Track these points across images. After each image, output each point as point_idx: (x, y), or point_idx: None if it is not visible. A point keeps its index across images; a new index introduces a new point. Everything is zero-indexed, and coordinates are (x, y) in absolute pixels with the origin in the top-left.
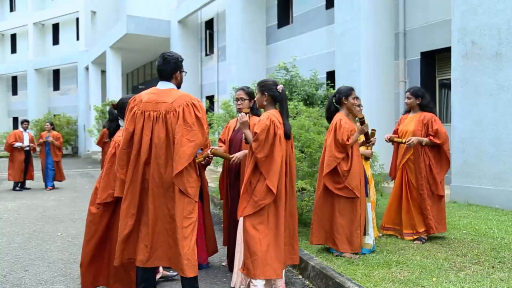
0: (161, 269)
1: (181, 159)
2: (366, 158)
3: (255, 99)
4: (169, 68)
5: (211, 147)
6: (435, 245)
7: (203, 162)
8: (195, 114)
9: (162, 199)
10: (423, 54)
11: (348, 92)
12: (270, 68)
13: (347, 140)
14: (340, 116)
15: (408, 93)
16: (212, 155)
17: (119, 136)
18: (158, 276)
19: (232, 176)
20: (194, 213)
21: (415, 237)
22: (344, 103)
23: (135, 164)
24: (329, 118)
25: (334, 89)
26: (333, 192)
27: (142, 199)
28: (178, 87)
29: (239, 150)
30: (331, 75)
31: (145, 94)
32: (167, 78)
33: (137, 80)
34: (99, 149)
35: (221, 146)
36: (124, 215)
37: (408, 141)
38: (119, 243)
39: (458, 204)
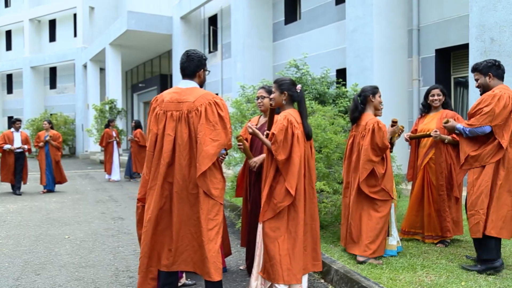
0: (184, 275)
1: (205, 159)
2: None
3: (273, 97)
4: (193, 65)
5: (240, 135)
6: (459, 248)
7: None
8: (218, 113)
9: (186, 201)
10: (438, 51)
11: (375, 90)
12: (276, 66)
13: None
14: (375, 118)
15: (437, 89)
16: (226, 154)
17: None
18: (180, 284)
19: (253, 175)
20: (219, 215)
21: (436, 240)
22: (371, 101)
23: (156, 166)
24: (355, 119)
25: (345, 87)
26: (367, 196)
27: (166, 202)
28: (201, 85)
29: (261, 149)
30: (340, 73)
31: (167, 94)
32: (190, 76)
33: (136, 78)
34: (98, 149)
35: (241, 144)
36: (145, 219)
37: (435, 132)
38: (143, 248)
39: None
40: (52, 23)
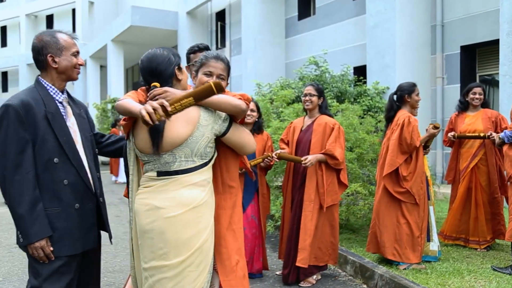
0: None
1: None
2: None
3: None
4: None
5: (277, 151)
6: (502, 252)
7: (262, 164)
8: None
9: None
10: (463, 48)
11: (411, 88)
12: (289, 63)
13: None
14: (407, 113)
15: (479, 88)
16: (275, 158)
17: None
18: None
19: (298, 179)
20: None
21: (483, 246)
22: (407, 101)
23: None
24: (390, 118)
25: (366, 85)
26: (393, 197)
27: None
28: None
29: (308, 152)
30: (359, 70)
31: None
32: None
33: (138, 76)
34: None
35: (283, 149)
36: None
37: (490, 135)
38: None
39: None
40: (50, 19)
